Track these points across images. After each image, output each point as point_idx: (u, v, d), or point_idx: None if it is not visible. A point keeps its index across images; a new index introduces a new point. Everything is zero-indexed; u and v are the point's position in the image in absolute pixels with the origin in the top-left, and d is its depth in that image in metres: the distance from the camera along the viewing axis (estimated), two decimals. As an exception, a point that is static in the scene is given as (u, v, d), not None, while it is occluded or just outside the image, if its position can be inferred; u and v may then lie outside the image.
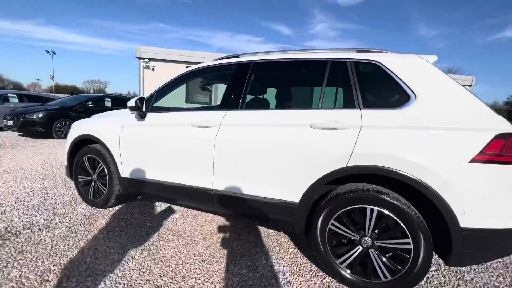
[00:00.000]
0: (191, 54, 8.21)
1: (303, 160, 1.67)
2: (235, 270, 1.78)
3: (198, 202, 2.11)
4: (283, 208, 1.77)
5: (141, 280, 1.63)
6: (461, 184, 1.35)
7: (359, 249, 1.59)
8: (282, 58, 1.95)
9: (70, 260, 1.79)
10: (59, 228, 2.24)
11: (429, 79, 1.55)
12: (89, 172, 2.69)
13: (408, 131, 1.47)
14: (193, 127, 2.05)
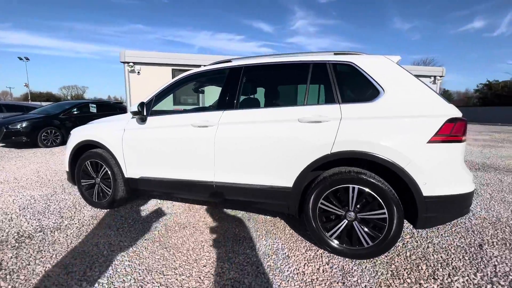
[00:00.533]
0: (176, 57, 8.28)
1: (293, 150, 1.93)
2: (240, 250, 2.02)
3: (202, 194, 2.33)
4: (279, 193, 2.04)
5: (158, 265, 1.84)
6: (422, 160, 1.67)
7: (345, 222, 1.88)
8: (270, 62, 2.20)
9: (87, 254, 1.96)
10: (70, 229, 2.38)
11: (394, 76, 1.86)
12: (92, 176, 2.82)
13: (379, 120, 1.77)
14: (193, 127, 2.26)
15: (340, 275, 1.72)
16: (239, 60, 2.39)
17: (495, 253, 2.00)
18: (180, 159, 2.33)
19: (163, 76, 8.35)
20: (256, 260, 1.90)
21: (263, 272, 1.76)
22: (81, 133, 2.84)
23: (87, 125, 3.03)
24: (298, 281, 1.66)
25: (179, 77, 2.61)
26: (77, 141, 2.81)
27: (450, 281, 1.66)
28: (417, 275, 1.72)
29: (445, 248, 2.06)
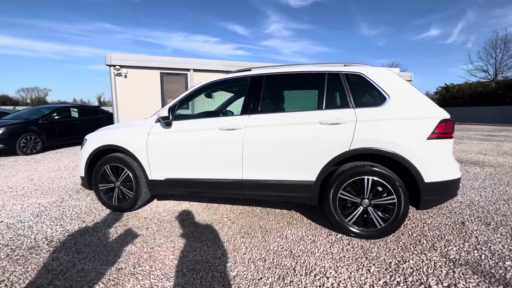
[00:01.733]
0: (165, 60, 8.25)
1: (316, 148, 2.24)
2: (271, 239, 2.27)
3: (230, 191, 2.54)
4: (303, 187, 2.32)
5: (201, 256, 2.01)
6: (423, 153, 2.06)
7: (361, 209, 2.22)
8: (289, 71, 2.50)
9: (129, 252, 2.07)
10: (98, 231, 2.44)
11: (396, 84, 2.25)
12: (111, 180, 2.87)
13: (387, 122, 2.14)
14: (221, 130, 2.46)
15: (362, 252, 2.05)
16: (258, 69, 2.64)
17: (475, 227, 2.47)
18: (208, 160, 2.52)
19: (151, 80, 8.29)
20: (288, 246, 2.16)
21: (299, 254, 2.02)
22: (99, 138, 2.88)
23: (101, 130, 3.07)
24: (330, 259, 1.95)
25: (202, 84, 2.78)
26: (95, 146, 2.84)
27: (447, 250, 2.06)
28: (421, 248, 2.10)
29: (437, 226, 2.49)
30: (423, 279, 1.71)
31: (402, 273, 1.78)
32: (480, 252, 2.03)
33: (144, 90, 8.21)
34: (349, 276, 1.75)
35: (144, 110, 8.28)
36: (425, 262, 1.90)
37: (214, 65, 8.60)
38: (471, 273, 1.77)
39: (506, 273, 1.77)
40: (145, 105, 8.18)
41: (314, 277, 1.75)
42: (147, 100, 8.27)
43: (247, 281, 1.71)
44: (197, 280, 1.72)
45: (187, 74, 8.47)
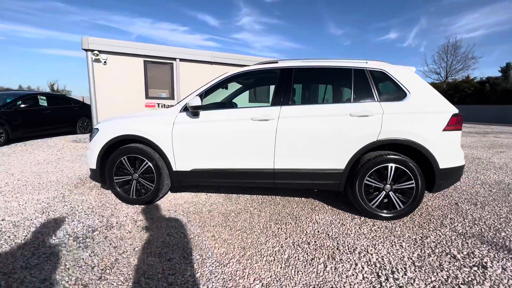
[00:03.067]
0: (150, 47, 7.78)
1: (347, 138, 2.40)
2: (304, 224, 2.40)
3: (260, 180, 2.60)
4: (333, 175, 2.48)
5: (245, 243, 2.06)
6: (439, 143, 2.35)
7: (383, 193, 2.45)
8: (318, 65, 2.61)
9: (170, 243, 2.04)
10: (125, 225, 2.33)
11: (415, 81, 2.50)
12: (127, 172, 2.73)
13: (410, 115, 2.38)
14: (253, 121, 2.49)
15: (388, 231, 2.29)
16: (285, 62, 2.70)
17: (466, 207, 2.89)
18: (240, 149, 2.54)
19: (135, 68, 7.79)
20: (323, 229, 2.31)
21: (336, 236, 2.19)
22: (115, 128, 2.69)
23: (113, 120, 2.87)
24: (364, 239, 2.15)
25: (230, 74, 2.75)
26: (111, 136, 2.66)
27: (454, 226, 2.40)
28: (433, 225, 2.41)
29: (438, 207, 2.86)
30: (447, 250, 1.99)
31: (428, 246, 2.05)
32: (479, 227, 2.40)
33: (126, 79, 7.68)
34: (388, 252, 1.96)
35: (126, 100, 7.75)
36: (442, 237, 2.20)
37: (202, 56, 8.36)
38: (480, 243, 2.11)
39: (505, 241, 2.14)
40: (127, 95, 7.68)
41: (359, 254, 1.93)
42: (129, 89, 7.77)
43: (302, 262, 1.82)
44: (254, 265, 1.78)
45: (173, 64, 8.13)
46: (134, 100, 7.83)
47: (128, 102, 7.76)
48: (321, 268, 1.75)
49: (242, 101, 4.47)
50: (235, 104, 3.45)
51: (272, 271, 1.71)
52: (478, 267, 1.78)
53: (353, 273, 1.71)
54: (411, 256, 1.90)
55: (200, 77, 8.51)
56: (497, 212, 2.74)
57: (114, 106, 7.60)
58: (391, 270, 1.74)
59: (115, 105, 7.65)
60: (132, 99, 7.83)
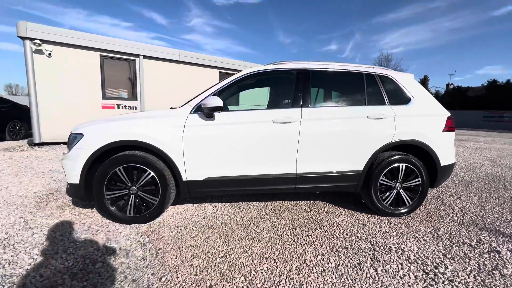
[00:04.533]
0: (108, 41, 6.83)
1: (365, 140, 2.47)
2: (330, 228, 2.36)
3: (282, 186, 2.45)
4: (353, 176, 2.51)
5: (282, 255, 1.91)
6: (440, 143, 2.61)
7: (395, 191, 2.60)
8: (332, 68, 2.63)
9: (195, 267, 1.75)
10: (133, 251, 1.91)
11: (416, 87, 2.73)
12: (123, 186, 2.27)
13: (416, 118, 2.58)
14: (274, 123, 2.35)
15: (405, 228, 2.41)
16: (298, 64, 2.62)
17: (448, 199, 3.29)
18: (259, 154, 2.35)
19: (89, 63, 6.80)
20: (349, 232, 2.30)
21: (365, 237, 2.20)
22: (110, 132, 2.21)
23: (102, 123, 2.35)
24: (391, 237, 2.22)
25: (245, 72, 2.53)
26: (104, 142, 2.17)
27: (451, 217, 2.68)
28: (436, 218, 2.65)
29: (427, 201, 3.17)
30: (461, 239, 2.20)
31: (445, 238, 2.23)
32: (468, 215, 2.74)
33: (77, 75, 6.62)
34: (418, 247, 2.06)
35: (78, 100, 6.62)
36: (449, 228, 2.43)
37: (169, 54, 7.79)
38: (479, 230, 2.39)
39: (494, 226, 2.48)
40: (79, 94, 6.61)
41: (396, 253, 1.97)
42: (81, 88, 6.71)
43: (352, 268, 1.76)
44: (308, 279, 1.65)
45: (136, 61, 7.37)
46: (88, 100, 6.79)
47: (80, 103, 6.68)
48: (373, 272, 1.72)
49: (233, 104, 4.23)
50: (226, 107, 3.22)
51: (330, 283, 1.61)
52: (493, 252, 2.01)
53: (403, 273, 1.72)
54: (439, 249, 2.04)
55: (167, 76, 7.89)
56: (471, 201, 3.19)
57: (61, 107, 6.45)
58: (433, 265, 1.82)
59: (63, 105, 6.50)
60: (85, 99, 6.78)
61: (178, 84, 8.13)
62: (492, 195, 3.45)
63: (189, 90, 8.33)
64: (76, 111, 6.57)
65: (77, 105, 6.61)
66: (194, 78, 8.43)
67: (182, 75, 8.20)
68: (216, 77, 8.96)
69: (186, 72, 8.27)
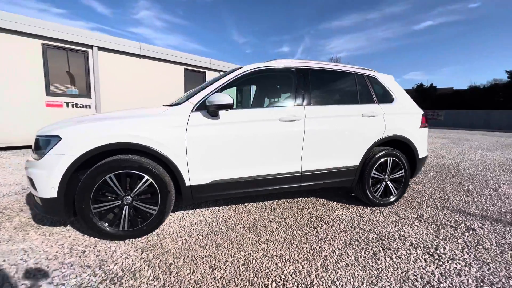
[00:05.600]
0: (52, 27, 5.81)
1: (361, 137, 2.61)
2: (334, 223, 2.43)
3: (287, 185, 2.42)
4: (350, 171, 2.64)
5: (298, 255, 1.89)
6: (418, 138, 2.93)
7: (384, 183, 2.82)
8: (328, 68, 2.71)
9: (218, 280, 1.62)
10: (139, 271, 1.66)
11: (397, 87, 3.01)
12: (113, 196, 1.95)
13: (399, 115, 2.85)
14: (280, 122, 2.30)
15: (396, 216, 2.64)
16: (295, 62, 2.62)
17: (417, 187, 3.73)
18: (266, 154, 2.28)
19: (26, 53, 5.73)
20: (353, 225, 2.41)
21: (369, 228, 2.33)
22: (99, 134, 1.85)
23: (88, 122, 1.96)
24: (389, 226, 2.39)
25: (247, 69, 2.40)
26: (91, 145, 1.80)
27: (430, 204, 3.04)
28: (415, 205, 2.97)
29: (412, 189, 3.55)
30: (443, 222, 2.51)
31: (430, 221, 2.51)
32: (438, 200, 3.15)
33: (11, 67, 5.49)
34: (414, 232, 2.27)
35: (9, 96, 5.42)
36: (429, 213, 2.74)
37: (128, 46, 7.08)
38: (450, 212, 2.76)
39: (460, 208, 2.90)
40: (13, 90, 5.47)
41: (400, 240, 2.13)
42: (16, 83, 5.60)
43: (370, 259, 1.84)
44: (338, 275, 1.66)
45: (88, 53, 6.51)
46: (27, 97, 5.70)
47: (15, 100, 5.58)
48: (389, 261, 1.83)
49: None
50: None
51: (359, 277, 1.65)
52: (470, 230, 2.34)
53: (414, 258, 1.88)
54: (431, 232, 2.28)
55: (126, 72, 7.16)
56: (434, 188, 3.68)
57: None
58: (433, 247, 2.03)
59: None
60: (23, 95, 5.68)
61: (140, 81, 7.42)
62: (446, 181, 4.04)
63: (152, 87, 7.69)
64: (10, 109, 5.44)
65: (11, 102, 5.47)
66: (158, 75, 7.81)
67: (144, 71, 7.50)
68: (182, 74, 8.47)
69: (148, 68, 7.59)
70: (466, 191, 3.55)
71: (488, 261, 1.84)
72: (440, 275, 1.68)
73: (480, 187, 3.74)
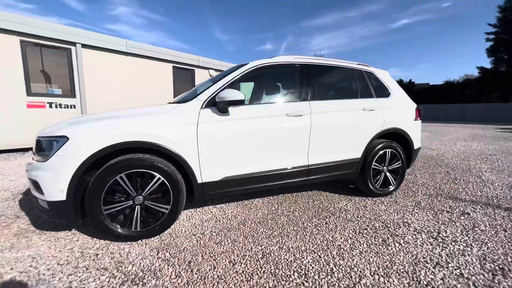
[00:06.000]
0: (31, 22, 5.47)
1: (363, 130, 2.71)
2: (341, 214, 2.52)
3: (295, 179, 2.47)
4: (353, 164, 2.73)
5: (312, 245, 1.95)
6: (413, 130, 3.08)
7: (383, 174, 2.95)
8: (329, 63, 2.78)
9: (242, 273, 1.64)
10: (160, 270, 1.64)
11: (392, 82, 3.15)
12: (124, 197, 1.90)
13: (395, 109, 2.98)
14: (288, 117, 2.34)
15: (396, 204, 2.77)
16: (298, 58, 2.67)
17: (409, 177, 3.92)
18: (276, 148, 2.31)
19: (3, 50, 5.37)
20: (358, 214, 2.51)
21: (374, 217, 2.44)
22: (109, 133, 1.79)
23: (96, 121, 1.89)
24: (391, 214, 2.51)
25: (255, 64, 2.40)
26: (102, 145, 1.75)
27: (422, 191, 3.21)
28: (411, 193, 3.14)
29: (405, 179, 3.72)
30: (440, 208, 2.67)
31: (428, 208, 2.66)
32: (431, 188, 3.34)
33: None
34: (416, 219, 2.41)
35: None
36: (426, 200, 2.90)
37: (114, 44, 6.84)
38: (444, 199, 2.94)
39: (452, 194, 3.09)
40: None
41: (404, 226, 2.25)
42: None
43: (382, 246, 1.93)
44: (361, 262, 1.73)
45: (71, 50, 6.23)
46: (3, 98, 5.35)
47: None
48: (399, 246, 1.93)
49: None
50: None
51: (374, 262, 1.73)
52: (465, 214, 2.51)
53: (420, 242, 1.99)
54: (431, 218, 2.43)
55: (112, 70, 6.92)
56: (425, 177, 3.88)
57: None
58: (436, 231, 2.16)
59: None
60: (2, 96, 5.33)
61: (127, 80, 7.17)
62: (434, 171, 4.28)
63: (140, 86, 7.47)
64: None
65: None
66: (146, 73, 7.59)
67: (131, 69, 7.26)
68: (170, 72, 8.28)
69: (135, 66, 7.35)
70: (454, 179, 3.78)
71: (486, 241, 2.00)
72: (446, 256, 1.80)
73: (466, 175, 4.00)
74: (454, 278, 1.57)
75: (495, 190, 3.24)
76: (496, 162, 4.92)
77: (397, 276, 1.59)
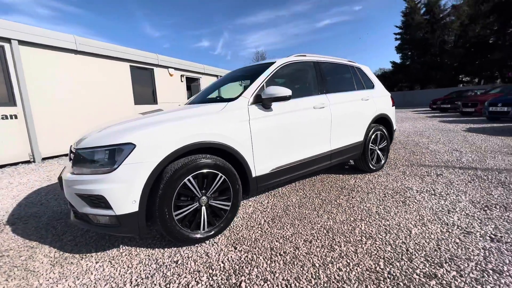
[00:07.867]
0: None
1: (364, 116, 3.22)
2: (358, 190, 2.96)
3: (322, 164, 2.79)
4: (359, 146, 3.22)
5: (347, 221, 2.33)
6: (392, 115, 3.78)
7: (375, 153, 3.55)
8: (329, 60, 3.17)
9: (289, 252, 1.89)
10: (250, 251, 1.73)
11: (373, 76, 3.76)
12: (190, 199, 1.88)
13: (380, 98, 3.60)
14: (314, 109, 2.63)
15: (388, 176, 3.40)
16: (309, 56, 2.97)
17: (382, 154, 4.73)
18: (309, 138, 2.58)
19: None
20: (371, 189, 3.00)
21: (384, 189, 2.96)
22: (175, 135, 1.74)
23: (153, 125, 1.77)
24: (393, 183, 3.09)
25: (282, 61, 2.60)
26: (170, 148, 1.69)
27: (405, 163, 3.98)
28: (399, 165, 3.86)
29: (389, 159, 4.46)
30: (421, 173, 3.40)
31: (413, 174, 3.36)
32: (407, 161, 4.15)
33: None
34: (412, 183, 3.04)
35: None
36: (410, 171, 3.63)
37: (59, 40, 5.94)
38: (423, 167, 3.74)
39: (425, 163, 3.93)
40: None
41: (408, 190, 2.83)
42: None
43: (402, 205, 2.43)
44: (394, 220, 2.16)
45: (4, 48, 5.21)
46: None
47: None
48: (417, 204, 2.46)
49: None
50: (220, 98, 3.14)
51: (409, 218, 2.19)
52: (440, 176, 3.28)
53: (427, 199, 2.57)
54: (420, 182, 3.10)
55: (61, 71, 6.03)
56: (393, 153, 4.76)
57: None
58: (432, 190, 2.80)
59: None
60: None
61: (80, 82, 6.25)
62: (394, 147, 5.24)
63: (96, 88, 6.63)
64: None
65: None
66: (100, 74, 6.73)
67: (83, 70, 6.34)
68: (128, 72, 7.54)
69: (88, 66, 6.45)
70: (412, 152, 4.75)
71: (466, 190, 2.72)
72: (449, 204, 2.41)
73: (418, 148, 5.05)
74: (464, 216, 2.16)
75: (444, 156, 4.25)
76: (431, 136, 6.30)
77: (431, 224, 2.08)
